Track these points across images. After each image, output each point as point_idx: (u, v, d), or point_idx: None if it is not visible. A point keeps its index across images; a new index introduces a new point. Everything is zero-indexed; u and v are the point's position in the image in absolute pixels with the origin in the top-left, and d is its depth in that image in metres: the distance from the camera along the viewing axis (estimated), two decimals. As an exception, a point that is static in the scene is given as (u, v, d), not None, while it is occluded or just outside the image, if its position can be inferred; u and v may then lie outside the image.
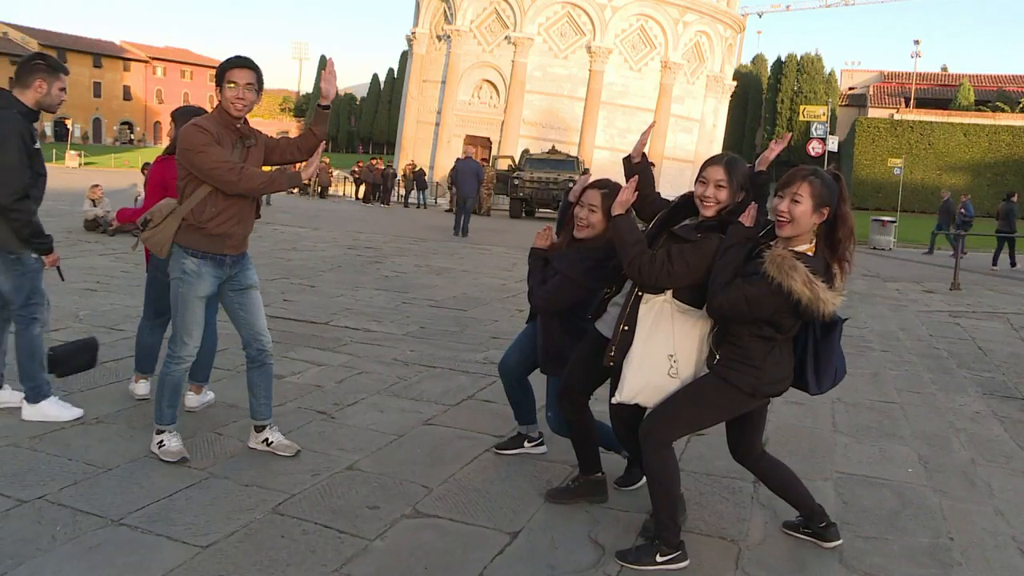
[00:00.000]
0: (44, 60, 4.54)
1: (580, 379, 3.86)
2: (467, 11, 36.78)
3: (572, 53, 35.96)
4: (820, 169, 3.22)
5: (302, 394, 5.51)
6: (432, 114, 38.48)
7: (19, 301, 4.56)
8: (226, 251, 4.13)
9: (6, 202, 4.27)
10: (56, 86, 4.49)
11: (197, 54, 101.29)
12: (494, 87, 36.94)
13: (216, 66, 4.17)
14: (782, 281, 3.00)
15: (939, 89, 62.76)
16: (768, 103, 66.61)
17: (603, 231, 3.82)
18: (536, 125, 36.01)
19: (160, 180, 4.79)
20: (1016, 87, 60.62)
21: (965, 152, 44.25)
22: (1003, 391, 6.98)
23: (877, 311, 11.18)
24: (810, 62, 64.90)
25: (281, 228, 17.13)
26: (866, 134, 46.19)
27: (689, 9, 37.20)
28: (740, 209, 3.32)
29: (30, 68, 4.45)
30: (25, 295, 4.56)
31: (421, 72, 39.56)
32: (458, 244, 17.28)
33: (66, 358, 4.89)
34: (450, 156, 34.64)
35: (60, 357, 4.86)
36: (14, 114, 4.33)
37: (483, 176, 21.95)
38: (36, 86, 4.42)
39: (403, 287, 10.63)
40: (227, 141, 4.02)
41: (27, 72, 4.44)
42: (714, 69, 39.66)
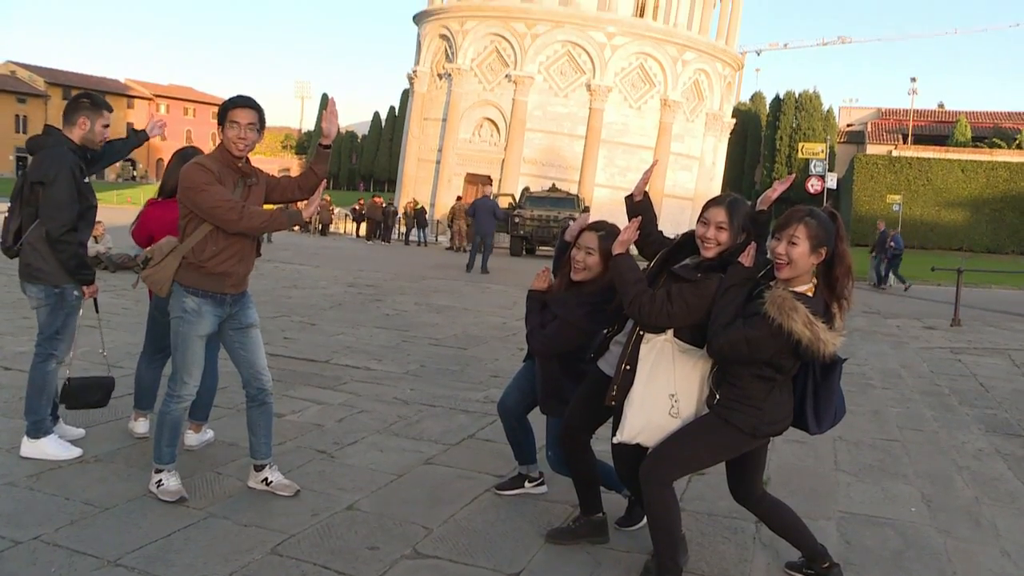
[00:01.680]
0: (89, 98, 4.74)
1: (582, 419, 3.85)
2: (468, 50, 37.12)
3: (572, 91, 36.24)
4: (816, 210, 3.23)
5: (302, 433, 5.49)
6: (433, 152, 38.68)
7: (47, 333, 4.65)
8: (227, 290, 4.14)
9: (56, 234, 4.41)
10: (99, 123, 4.66)
11: (200, 92, 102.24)
12: (495, 125, 37.18)
13: (218, 104, 4.22)
14: (783, 322, 3.01)
15: (936, 126, 63.13)
16: (767, 140, 67.01)
17: (600, 273, 3.83)
18: (536, 163, 36.19)
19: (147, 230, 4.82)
20: (1012, 124, 61.00)
21: (963, 188, 44.45)
22: (1006, 428, 6.95)
23: (878, 348, 11.16)
24: (808, 99, 65.39)
25: (282, 265, 17.16)
26: (865, 171, 46.41)
27: (688, 48, 37.55)
28: (740, 249, 3.33)
29: (75, 106, 4.66)
30: (55, 329, 4.64)
31: (422, 110, 39.82)
32: (458, 283, 17.29)
33: (80, 391, 4.89)
34: (451, 194, 34.80)
35: (75, 390, 4.86)
36: (65, 150, 4.49)
37: (500, 214, 22.21)
38: (80, 123, 4.60)
39: (403, 325, 10.63)
40: (228, 180, 4.04)
41: (72, 110, 4.64)
42: (713, 107, 39.93)
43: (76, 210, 4.47)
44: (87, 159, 4.68)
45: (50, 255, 4.47)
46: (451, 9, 38.46)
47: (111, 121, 4.77)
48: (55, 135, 4.58)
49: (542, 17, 35.81)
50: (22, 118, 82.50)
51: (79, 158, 4.55)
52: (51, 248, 4.44)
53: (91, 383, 4.95)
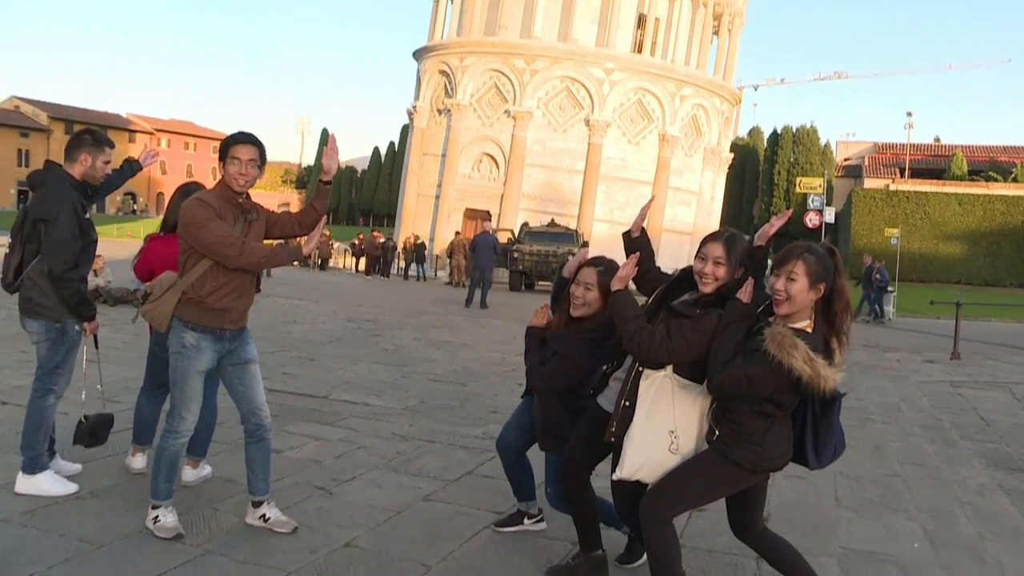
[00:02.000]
0: (91, 135, 4.78)
1: (581, 455, 3.84)
2: (467, 86, 37.39)
3: (571, 127, 36.45)
4: (815, 245, 3.24)
5: (300, 469, 5.46)
6: (432, 187, 38.83)
7: (47, 368, 4.65)
8: (226, 325, 4.14)
9: (58, 272, 4.43)
10: (100, 159, 4.70)
11: (200, 126, 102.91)
12: (494, 160, 37.36)
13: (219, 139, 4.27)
14: (782, 359, 3.01)
15: (933, 160, 63.54)
16: (765, 175, 67.26)
17: (600, 309, 3.83)
18: (535, 198, 36.32)
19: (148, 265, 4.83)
20: (1007, 157, 61.44)
21: (960, 221, 44.67)
22: (1008, 463, 6.92)
23: (878, 382, 11.14)
24: (806, 134, 65.71)
25: (281, 300, 17.16)
26: (862, 204, 46.64)
27: (686, 83, 37.83)
28: (739, 285, 3.34)
29: (77, 142, 4.70)
30: (55, 364, 4.64)
31: (422, 145, 40.02)
32: (458, 318, 17.29)
33: (97, 428, 4.87)
34: (450, 229, 34.87)
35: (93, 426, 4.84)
36: (67, 187, 4.53)
37: (500, 249, 22.33)
38: (82, 160, 4.64)
39: (403, 361, 10.61)
40: (229, 215, 4.06)
41: (75, 146, 4.68)
42: (711, 142, 40.15)
43: (78, 247, 4.50)
44: (87, 194, 4.70)
45: (51, 290, 4.48)
46: (451, 45, 38.80)
47: (112, 157, 4.81)
48: (56, 171, 4.61)
49: (541, 53, 36.12)
50: (24, 152, 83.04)
51: (80, 194, 4.57)
52: (53, 285, 4.46)
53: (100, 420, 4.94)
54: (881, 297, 23.12)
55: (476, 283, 20.31)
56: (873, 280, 23.04)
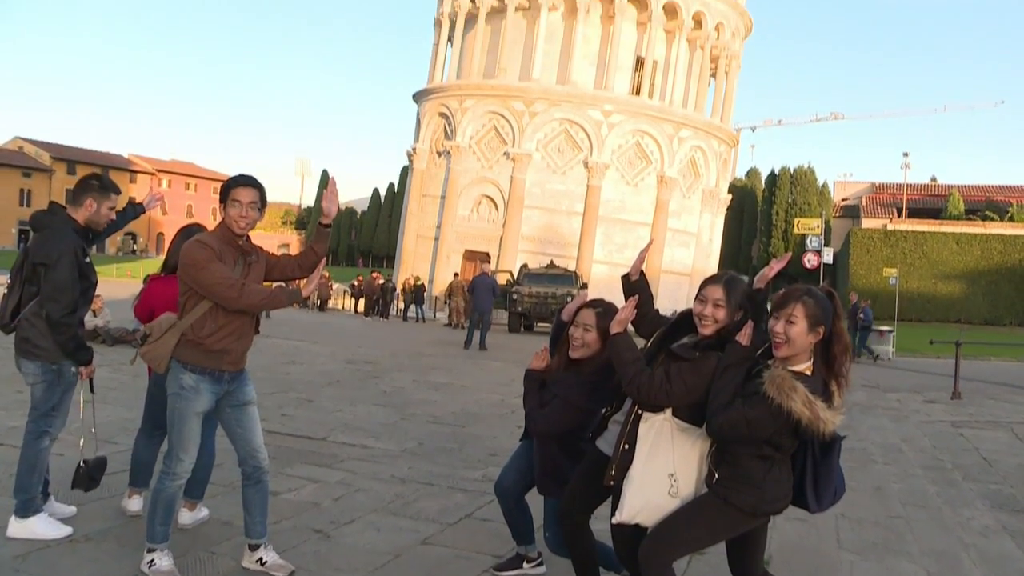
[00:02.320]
0: (98, 181, 4.81)
1: (581, 499, 3.81)
2: (467, 128, 37.65)
3: (570, 169, 36.65)
4: (814, 288, 3.26)
5: (298, 512, 5.42)
6: (432, 229, 38.94)
7: (42, 410, 4.62)
8: (225, 367, 4.14)
9: (56, 316, 4.43)
10: (105, 205, 4.73)
11: (201, 167, 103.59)
12: (493, 202, 37.52)
13: (220, 179, 4.30)
14: (782, 402, 3.01)
15: (929, 199, 63.85)
16: (763, 215, 67.53)
17: (599, 351, 3.83)
18: (534, 240, 36.41)
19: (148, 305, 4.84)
20: (1003, 197, 61.76)
21: (958, 261, 44.80)
22: (1012, 504, 6.86)
23: (878, 422, 11.09)
24: (803, 175, 66.09)
25: (280, 341, 17.13)
26: (861, 244, 46.79)
27: (684, 125, 38.10)
28: (738, 328, 3.35)
29: (84, 187, 4.72)
30: (51, 406, 4.63)
31: (421, 187, 40.21)
32: (457, 359, 17.26)
33: (95, 472, 4.84)
34: (449, 270, 34.93)
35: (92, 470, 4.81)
36: (68, 231, 4.56)
37: (499, 291, 22.38)
38: (87, 205, 4.67)
39: (401, 403, 10.57)
40: (229, 257, 4.08)
41: (81, 191, 4.70)
42: (709, 183, 40.35)
43: (78, 292, 4.51)
44: (88, 238, 4.72)
45: (48, 332, 4.48)
46: (450, 88, 39.14)
47: (117, 203, 4.84)
48: (59, 215, 4.64)
49: (540, 96, 36.42)
50: (26, 192, 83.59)
51: (81, 238, 4.59)
52: (50, 330, 4.46)
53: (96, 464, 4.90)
54: (866, 336, 23.13)
55: (475, 325, 20.32)
56: (857, 320, 23.04)
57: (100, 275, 4.89)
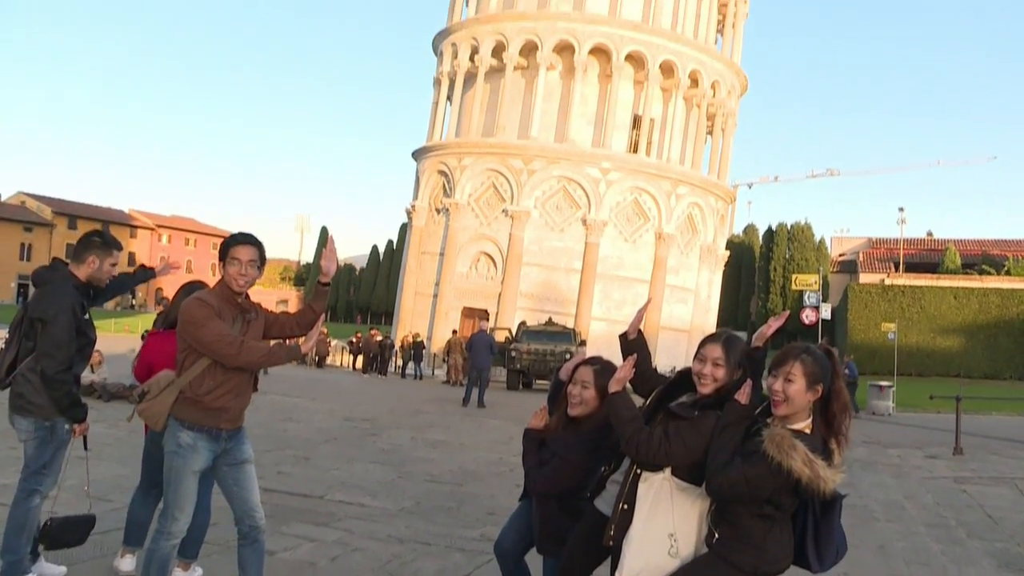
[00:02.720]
0: (100, 237, 4.86)
1: (580, 560, 3.77)
2: (466, 186, 37.91)
3: (568, 226, 36.82)
4: (812, 347, 3.27)
5: (294, 571, 5.35)
6: (430, 286, 39.01)
7: (33, 467, 4.59)
8: (223, 425, 4.12)
9: (51, 373, 4.42)
10: (108, 262, 4.76)
11: (201, 223, 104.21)
12: (491, 260, 37.63)
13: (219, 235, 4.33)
14: (781, 461, 3.00)
15: (926, 254, 64.22)
16: (761, 272, 67.81)
17: (597, 408, 3.82)
18: (533, 297, 36.43)
19: (147, 360, 4.84)
20: (999, 251, 62.13)
21: (956, 315, 44.87)
22: (1019, 563, 6.78)
23: (880, 479, 11.00)
24: (800, 231, 66.54)
25: (278, 398, 17.05)
26: (859, 300, 46.89)
27: (681, 182, 38.37)
28: (737, 386, 3.34)
29: (87, 244, 4.75)
30: (42, 464, 4.59)
31: (420, 244, 40.36)
32: (455, 417, 17.18)
33: (61, 532, 4.76)
34: (447, 327, 34.94)
35: (55, 530, 4.71)
36: (69, 287, 4.57)
37: (497, 349, 22.39)
38: (90, 262, 4.69)
39: (399, 460, 10.49)
40: (228, 314, 4.09)
41: (84, 248, 4.73)
42: (707, 240, 40.52)
43: (74, 348, 4.51)
44: (90, 295, 4.72)
45: (43, 389, 4.46)
46: (449, 146, 39.50)
47: (119, 260, 4.86)
48: (61, 271, 4.65)
49: (538, 154, 36.75)
50: (27, 246, 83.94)
51: (81, 295, 4.60)
52: (45, 386, 4.44)
53: (71, 522, 4.81)
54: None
55: (473, 382, 20.26)
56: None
57: (98, 330, 4.88)
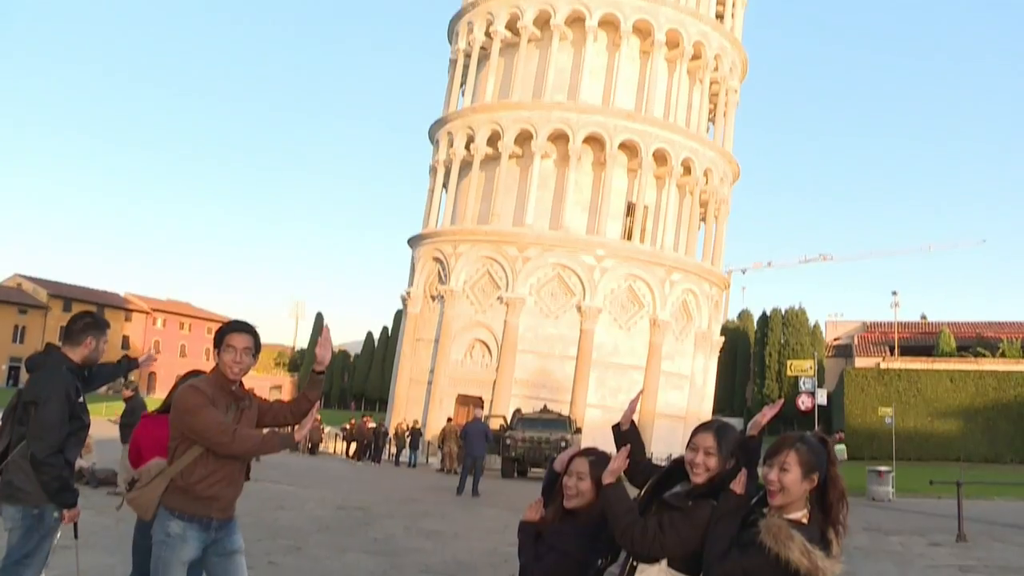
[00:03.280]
0: (92, 318, 4.86)
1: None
2: (461, 273, 38.13)
3: (563, 313, 36.90)
4: (807, 435, 3.27)
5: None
6: (425, 373, 38.89)
7: (15, 557, 4.48)
8: (213, 514, 4.07)
9: (40, 456, 4.36)
10: (102, 342, 4.79)
11: (196, 307, 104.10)
12: (486, 347, 37.61)
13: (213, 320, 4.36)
14: (779, 552, 2.97)
15: (921, 337, 64.28)
16: (756, 357, 67.76)
17: (593, 499, 3.80)
18: (528, 384, 36.31)
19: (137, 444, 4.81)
20: (993, 333, 62.16)
21: (953, 398, 44.68)
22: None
23: (881, 567, 10.81)
24: (794, 315, 66.73)
25: (269, 485, 16.83)
26: (855, 384, 46.74)
27: (676, 269, 38.63)
28: (732, 475, 3.33)
29: (82, 326, 4.75)
30: (24, 553, 4.48)
31: (415, 331, 40.38)
32: (449, 506, 16.95)
33: None
34: (442, 415, 34.73)
35: None
36: (63, 371, 4.55)
37: (492, 437, 22.27)
38: (86, 343, 4.71)
39: (392, 551, 10.31)
40: (221, 402, 4.09)
41: (79, 331, 4.73)
42: (702, 326, 40.59)
43: (65, 432, 4.46)
44: (83, 378, 4.71)
45: (34, 475, 4.40)
46: (445, 233, 39.88)
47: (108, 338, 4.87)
48: (54, 355, 4.65)
49: (533, 241, 37.07)
50: (20, 329, 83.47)
51: (76, 378, 4.59)
52: (34, 470, 4.38)
53: None
54: None
55: (468, 470, 20.06)
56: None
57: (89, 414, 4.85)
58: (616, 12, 38.70)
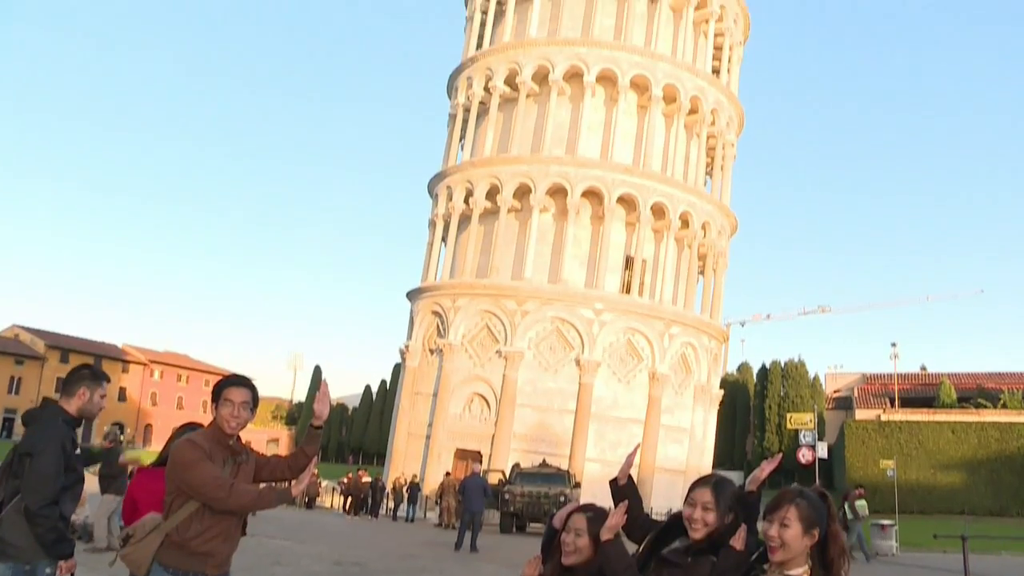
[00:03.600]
0: (89, 369, 4.84)
1: None
2: (459, 326, 38.06)
3: (562, 367, 36.75)
4: (807, 490, 3.25)
5: None
6: (423, 427, 38.63)
7: None
8: (208, 571, 4.04)
9: (35, 507, 4.31)
10: (98, 393, 4.75)
11: (194, 359, 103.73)
12: (485, 401, 37.41)
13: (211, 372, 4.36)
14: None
15: (921, 388, 64.14)
16: (756, 410, 67.47)
17: (592, 556, 3.77)
18: (527, 438, 36.01)
19: (132, 497, 4.79)
20: (993, 384, 62.01)
21: (955, 450, 44.43)
22: None
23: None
24: (794, 368, 66.56)
25: (265, 540, 16.63)
26: (855, 436, 46.53)
27: (674, 322, 38.54)
28: (731, 531, 3.31)
29: (76, 378, 4.73)
30: None
31: (413, 385, 40.18)
32: (447, 562, 16.75)
33: None
34: (440, 469, 34.42)
35: None
36: (59, 423, 4.52)
37: (490, 491, 22.12)
38: (80, 394, 4.67)
39: (391, 607, 10.16)
40: (218, 457, 4.08)
41: (73, 381, 4.71)
42: (701, 380, 40.40)
43: (60, 484, 4.42)
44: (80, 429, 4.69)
45: (27, 530, 4.35)
46: (443, 287, 39.90)
47: (107, 391, 4.86)
48: (50, 408, 4.63)
49: (532, 295, 37.03)
50: (16, 380, 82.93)
51: (71, 429, 4.57)
52: (28, 522, 4.33)
53: None
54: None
55: (466, 525, 19.87)
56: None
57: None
58: (614, 67, 39.20)
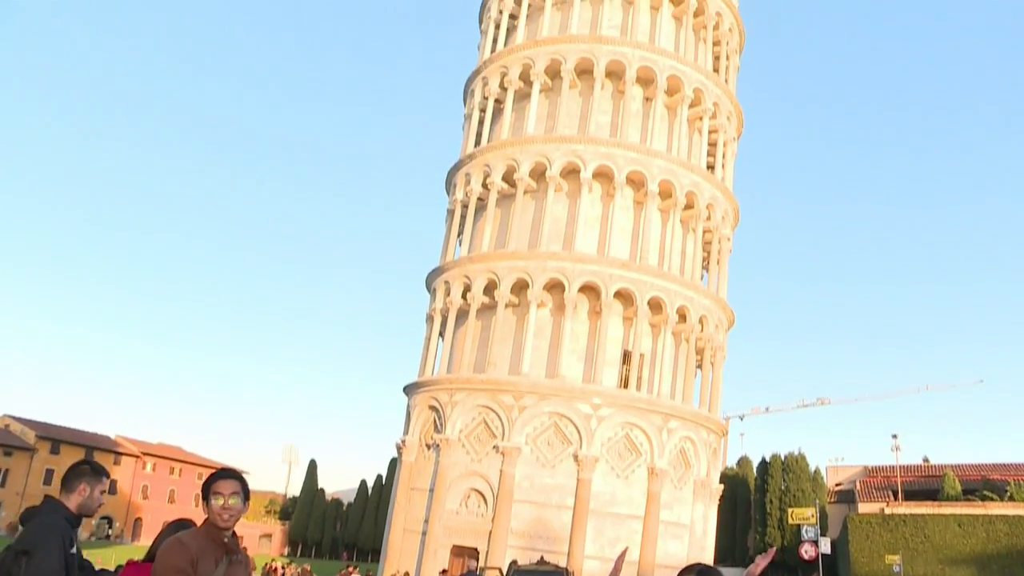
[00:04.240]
0: (89, 465, 4.78)
1: None
2: (457, 421, 37.76)
3: (559, 462, 36.35)
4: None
5: None
6: (419, 523, 38.01)
7: None
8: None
9: None
10: (98, 489, 4.69)
11: (188, 452, 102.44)
12: (482, 496, 36.89)
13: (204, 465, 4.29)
14: None
15: (924, 480, 63.34)
16: (757, 504, 66.41)
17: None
18: (524, 535, 35.40)
19: None
20: (999, 475, 61.22)
21: (963, 544, 43.60)
22: None
23: None
24: (794, 461, 65.74)
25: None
26: (859, 531, 45.76)
27: (673, 416, 38.25)
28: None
29: (76, 473, 4.67)
30: None
31: (410, 480, 39.66)
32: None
33: None
34: (436, 566, 33.78)
35: None
36: (59, 519, 4.43)
37: None
38: (80, 490, 4.61)
39: None
40: (211, 556, 3.97)
41: (73, 477, 4.64)
42: (700, 474, 39.91)
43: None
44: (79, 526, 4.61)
45: None
46: (441, 381, 39.72)
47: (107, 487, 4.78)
48: (49, 504, 4.55)
49: (529, 390, 36.85)
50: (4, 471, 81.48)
51: (71, 527, 4.49)
52: None
53: None
54: None
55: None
56: None
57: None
58: (610, 164, 39.78)
